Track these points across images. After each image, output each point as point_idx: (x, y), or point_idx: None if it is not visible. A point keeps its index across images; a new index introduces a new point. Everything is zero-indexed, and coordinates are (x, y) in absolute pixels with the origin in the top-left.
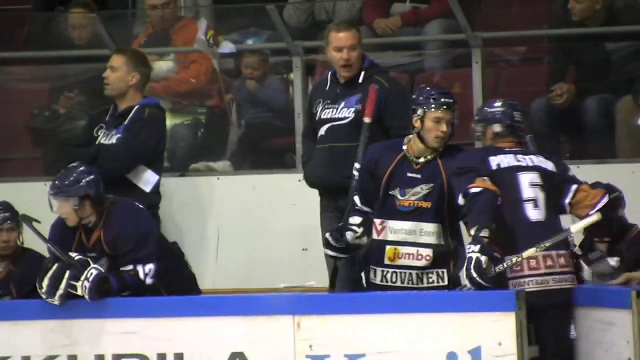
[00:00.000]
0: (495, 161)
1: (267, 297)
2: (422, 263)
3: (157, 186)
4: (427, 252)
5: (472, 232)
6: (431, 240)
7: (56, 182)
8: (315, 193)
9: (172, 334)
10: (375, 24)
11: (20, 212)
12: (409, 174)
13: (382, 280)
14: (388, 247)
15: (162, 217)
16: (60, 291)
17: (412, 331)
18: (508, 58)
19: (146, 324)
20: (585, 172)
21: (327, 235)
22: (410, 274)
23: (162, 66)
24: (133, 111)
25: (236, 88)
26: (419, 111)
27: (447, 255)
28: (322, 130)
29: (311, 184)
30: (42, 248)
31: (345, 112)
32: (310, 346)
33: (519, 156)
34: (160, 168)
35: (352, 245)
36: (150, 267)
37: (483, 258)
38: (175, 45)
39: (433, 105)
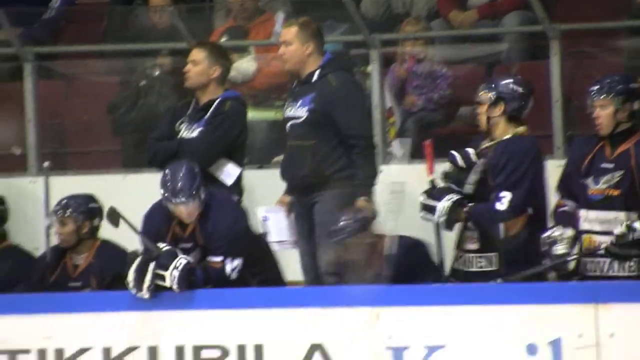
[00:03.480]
0: None
1: (346, 289)
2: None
3: (238, 179)
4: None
5: None
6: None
7: (178, 188)
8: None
9: (252, 325)
10: (451, 17)
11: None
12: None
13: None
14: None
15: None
16: (146, 284)
17: (491, 322)
18: (586, 50)
19: (226, 315)
20: None
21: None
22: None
23: (248, 69)
24: (214, 105)
25: None
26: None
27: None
28: (287, 128)
29: (282, 179)
30: (123, 239)
31: (300, 111)
32: (390, 337)
33: None
34: (241, 161)
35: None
36: (237, 262)
37: None
38: (254, 39)
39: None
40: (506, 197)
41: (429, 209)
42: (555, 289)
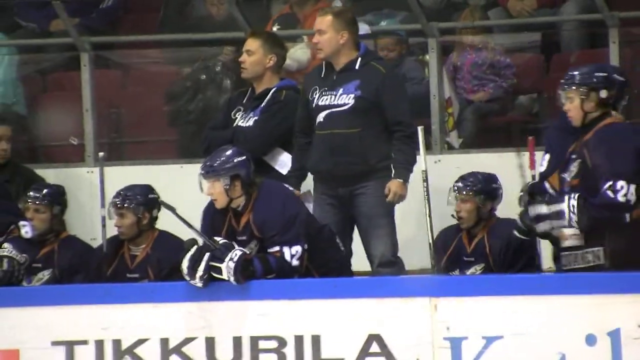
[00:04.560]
0: None
1: (403, 279)
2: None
3: None
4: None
5: None
6: None
7: (207, 162)
8: (453, 174)
9: (309, 316)
10: (509, 5)
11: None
12: None
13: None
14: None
15: None
16: (199, 272)
17: (549, 313)
18: None
19: (283, 306)
20: None
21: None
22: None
23: (302, 57)
24: (270, 94)
25: None
26: None
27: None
28: (319, 117)
29: (313, 171)
30: (180, 230)
31: (344, 99)
32: (448, 328)
33: None
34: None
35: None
36: (297, 249)
37: None
38: (308, 27)
39: None
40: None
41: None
42: (614, 278)
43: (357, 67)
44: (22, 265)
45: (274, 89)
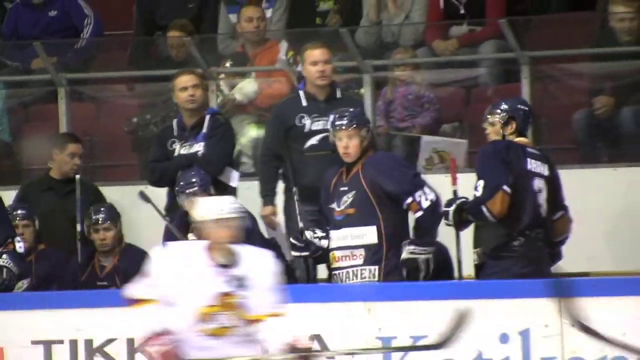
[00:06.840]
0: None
1: (341, 286)
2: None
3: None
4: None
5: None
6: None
7: (194, 180)
8: None
9: None
10: (434, 45)
11: (122, 213)
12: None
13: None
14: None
15: None
16: None
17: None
18: (553, 74)
19: None
20: (621, 174)
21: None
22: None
23: (249, 89)
24: (207, 121)
25: None
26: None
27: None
28: (313, 140)
29: (313, 189)
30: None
31: None
32: (380, 329)
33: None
34: (237, 166)
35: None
36: None
37: None
38: (257, 64)
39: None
40: (480, 184)
41: (445, 216)
42: (527, 285)
43: (337, 95)
44: (16, 276)
45: (208, 116)
